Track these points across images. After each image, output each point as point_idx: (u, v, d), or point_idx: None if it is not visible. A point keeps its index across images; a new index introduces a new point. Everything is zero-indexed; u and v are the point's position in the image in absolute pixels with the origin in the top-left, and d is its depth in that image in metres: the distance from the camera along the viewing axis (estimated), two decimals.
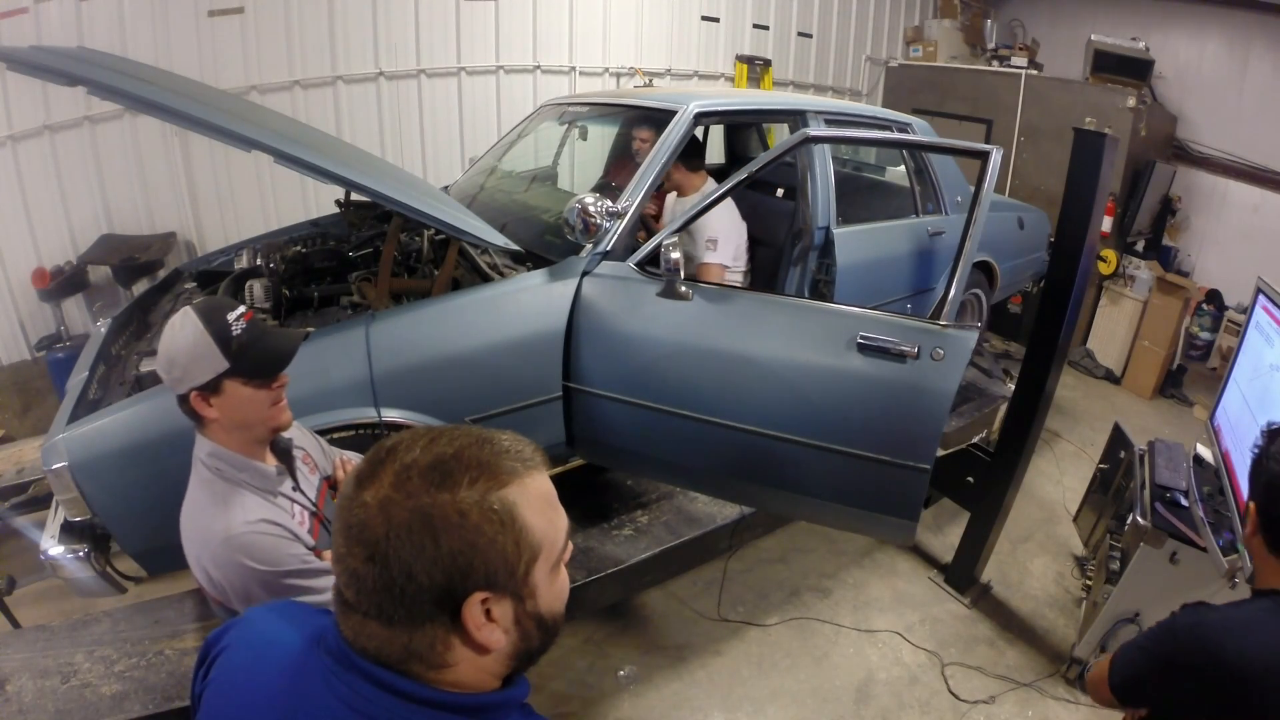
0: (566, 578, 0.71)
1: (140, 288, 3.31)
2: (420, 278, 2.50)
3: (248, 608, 1.00)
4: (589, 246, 2.19)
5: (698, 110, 2.47)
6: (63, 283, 3.72)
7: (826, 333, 1.98)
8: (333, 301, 2.47)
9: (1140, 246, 5.42)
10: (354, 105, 4.47)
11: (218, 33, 3.94)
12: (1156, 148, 5.29)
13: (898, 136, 3.25)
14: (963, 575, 2.97)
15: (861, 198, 3.43)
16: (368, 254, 2.72)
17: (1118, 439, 2.93)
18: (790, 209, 2.89)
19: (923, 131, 3.38)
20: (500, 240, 2.20)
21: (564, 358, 2.14)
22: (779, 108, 3.15)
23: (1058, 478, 3.87)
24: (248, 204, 4.27)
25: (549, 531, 0.65)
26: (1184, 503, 2.39)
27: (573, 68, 5.17)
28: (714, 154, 4.41)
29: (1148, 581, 2.28)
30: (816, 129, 2.66)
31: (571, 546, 0.72)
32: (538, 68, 5.03)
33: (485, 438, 0.66)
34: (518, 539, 0.62)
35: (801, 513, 2.27)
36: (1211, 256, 5.40)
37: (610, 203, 2.15)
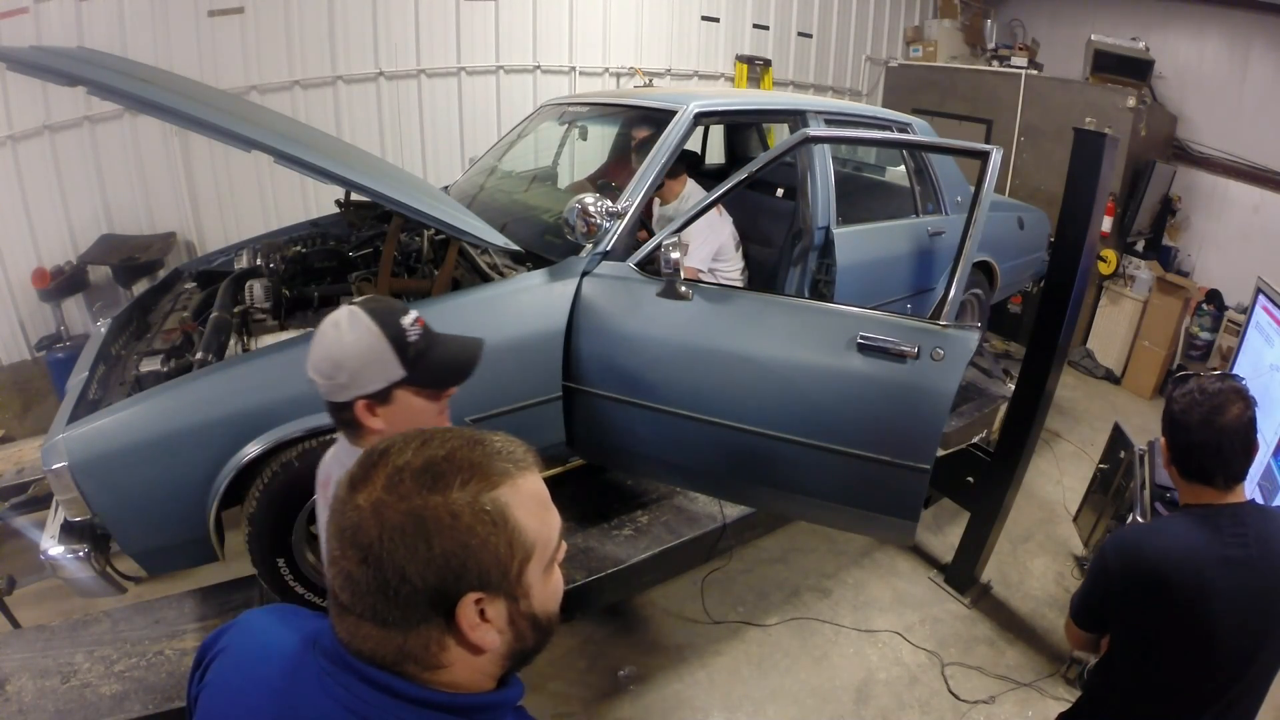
0: (560, 577, 0.71)
1: (140, 288, 3.31)
2: (420, 278, 2.50)
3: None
4: (589, 246, 2.19)
5: (698, 110, 2.47)
6: (63, 283, 3.72)
7: (826, 333, 1.98)
8: (333, 301, 2.47)
9: (1140, 246, 5.42)
10: (354, 105, 4.47)
11: (218, 33, 3.94)
12: (1156, 148, 5.29)
13: (898, 136, 3.25)
14: (963, 575, 2.97)
15: (861, 198, 3.43)
16: (368, 254, 2.72)
17: (1118, 439, 2.93)
18: (790, 209, 2.89)
19: (923, 131, 3.38)
20: (500, 240, 2.20)
21: (564, 358, 2.14)
22: (779, 108, 3.15)
23: (1058, 478, 3.87)
24: (248, 204, 4.27)
25: (542, 531, 0.66)
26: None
27: (573, 68, 5.17)
28: (714, 154, 4.42)
29: None
30: (816, 129, 2.66)
31: (565, 546, 0.72)
32: (538, 68, 5.03)
33: (477, 439, 0.66)
34: (510, 539, 0.62)
35: (801, 513, 2.27)
36: (1211, 256, 5.40)
37: (610, 203, 2.15)
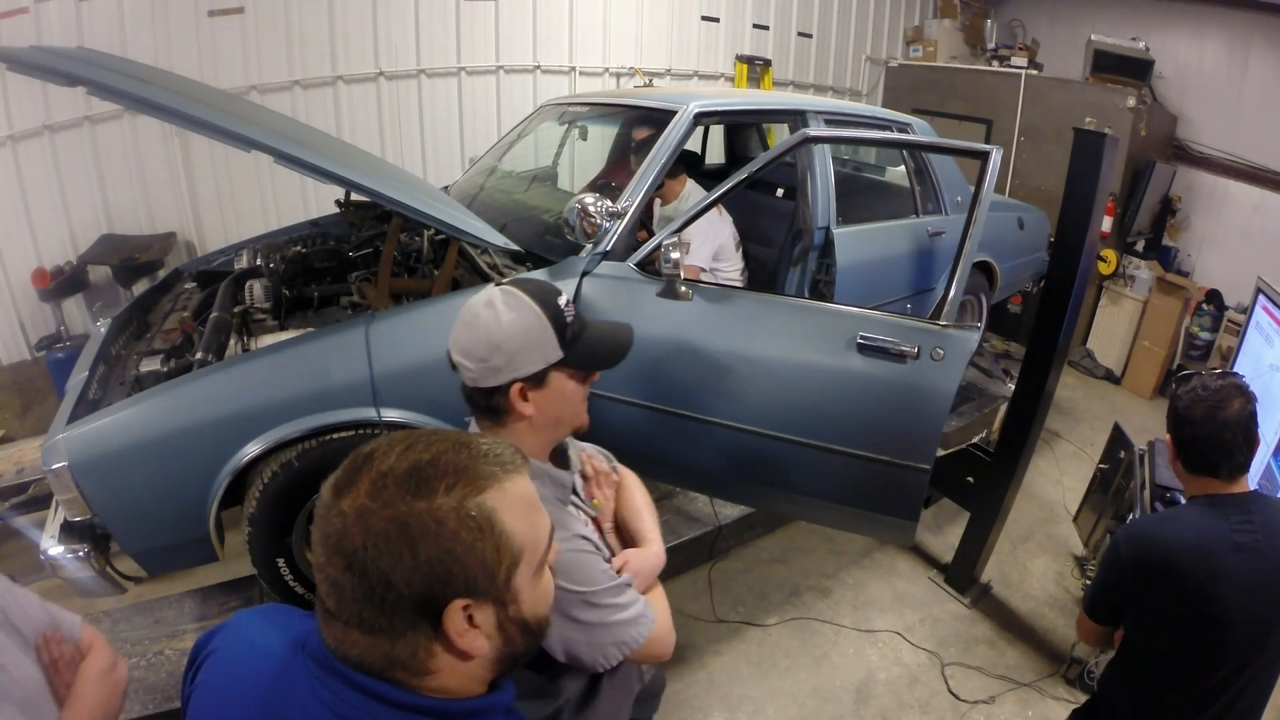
0: (550, 581, 0.70)
1: (140, 288, 3.30)
2: (420, 278, 2.50)
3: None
4: (589, 246, 2.19)
5: (698, 110, 2.47)
6: (63, 283, 3.72)
7: (826, 333, 1.98)
8: (333, 301, 2.47)
9: (1140, 246, 5.42)
10: (354, 105, 4.47)
11: (218, 33, 3.94)
12: (1156, 148, 5.29)
13: (898, 136, 3.25)
14: (963, 575, 2.97)
15: (861, 198, 3.43)
16: (368, 254, 2.72)
17: (1118, 439, 2.93)
18: (790, 209, 2.89)
19: (923, 131, 3.38)
20: (500, 240, 2.20)
21: None
22: (779, 108, 3.15)
23: (1058, 478, 3.87)
24: (248, 204, 4.27)
25: (530, 535, 0.65)
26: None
27: (573, 68, 5.17)
28: (714, 154, 4.42)
29: None
30: (816, 129, 2.66)
31: (556, 549, 0.71)
32: (538, 68, 5.03)
33: (463, 442, 0.65)
34: (497, 544, 0.61)
35: (802, 513, 2.27)
36: (1211, 256, 5.40)
37: (610, 203, 2.15)
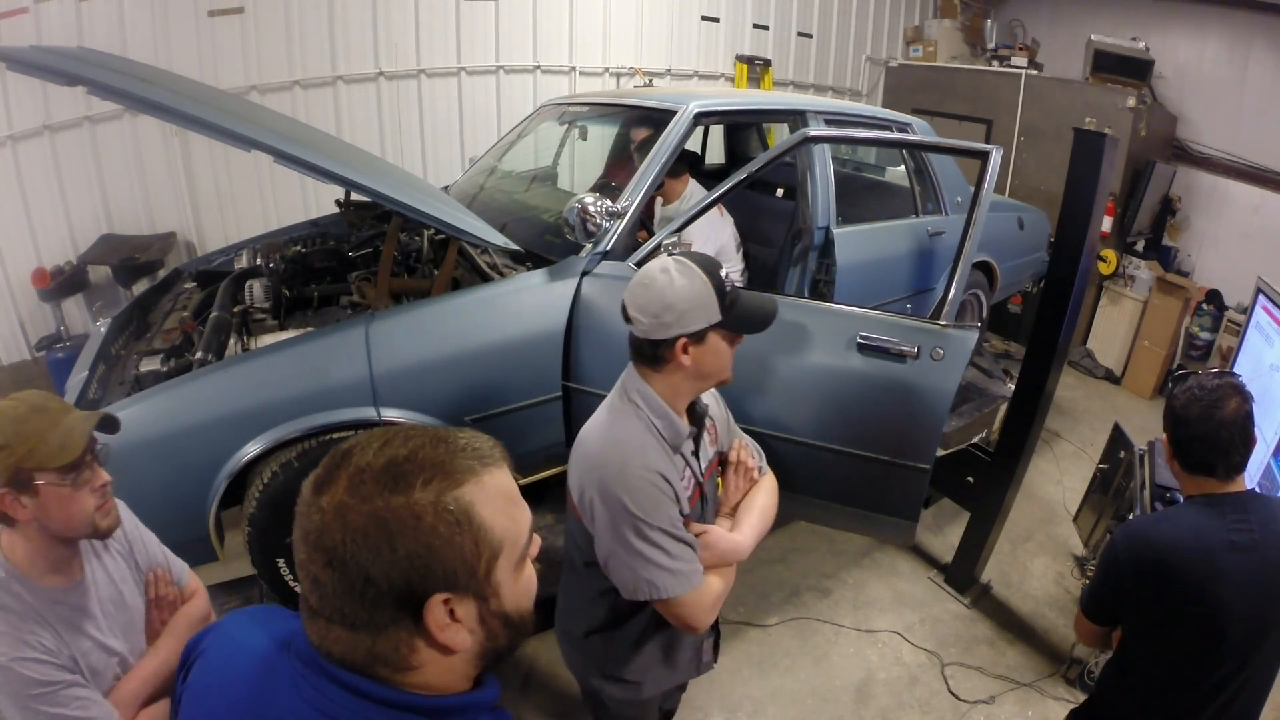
0: (533, 574, 0.70)
1: (140, 288, 3.31)
2: (420, 278, 2.50)
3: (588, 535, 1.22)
4: (589, 246, 2.19)
5: (698, 110, 2.48)
6: (63, 283, 3.72)
7: (826, 333, 1.99)
8: (333, 301, 2.47)
9: (1140, 246, 5.42)
10: (354, 105, 4.47)
11: (218, 33, 3.93)
12: (1156, 148, 5.29)
13: (898, 136, 3.25)
14: (963, 575, 2.97)
15: (861, 198, 3.43)
16: (368, 254, 2.72)
17: (1118, 439, 2.93)
18: (790, 209, 2.89)
19: (923, 131, 3.38)
20: (500, 240, 2.21)
21: (564, 357, 2.14)
22: (779, 108, 3.15)
23: (1058, 478, 3.87)
24: (248, 204, 4.27)
25: (510, 529, 0.65)
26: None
27: (573, 68, 5.17)
28: (714, 154, 4.42)
29: None
30: (816, 129, 2.66)
31: (539, 541, 0.71)
32: (538, 68, 5.03)
33: (441, 437, 0.65)
34: (476, 538, 0.62)
35: (801, 513, 2.27)
36: (1211, 256, 5.39)
37: (610, 203, 2.15)
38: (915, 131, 3.32)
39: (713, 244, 2.89)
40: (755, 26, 5.96)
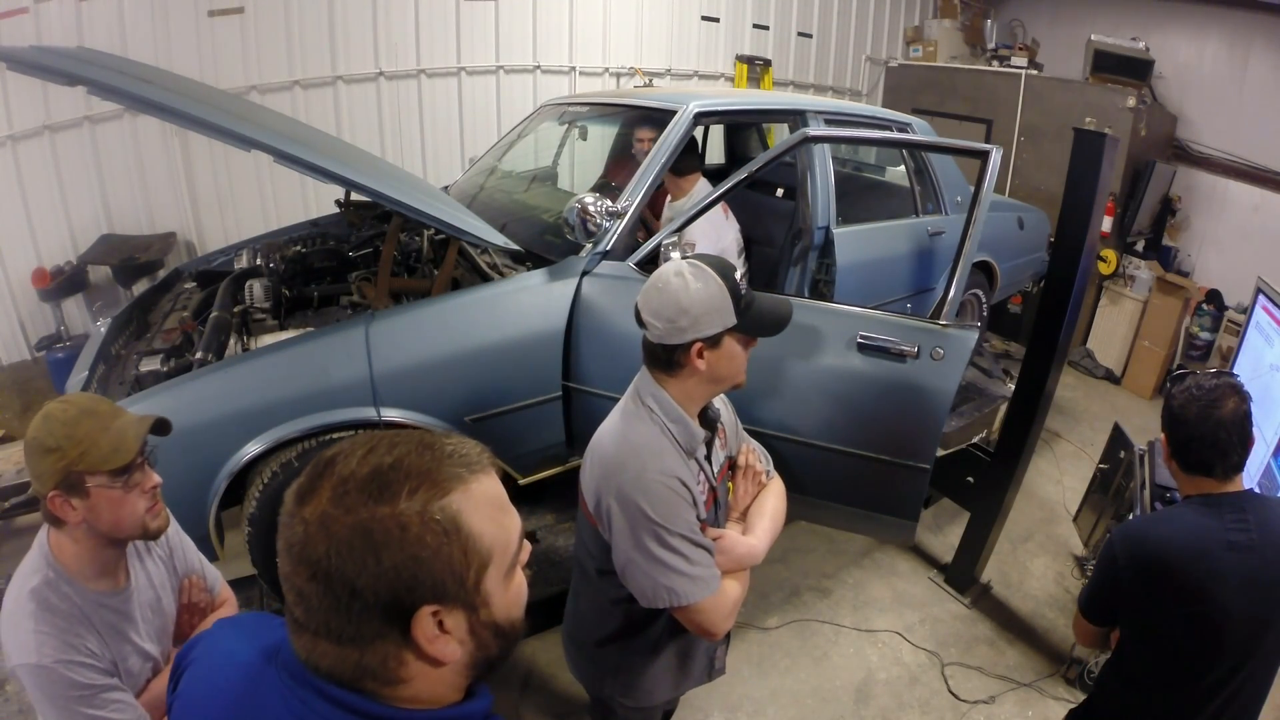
0: (523, 581, 0.69)
1: (140, 288, 3.31)
2: (420, 278, 2.50)
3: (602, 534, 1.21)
4: (589, 246, 2.19)
5: (698, 110, 2.48)
6: (63, 283, 3.72)
7: (826, 332, 1.99)
8: (333, 301, 2.48)
9: (1140, 246, 5.42)
10: (354, 105, 4.47)
11: (218, 33, 3.93)
12: (1156, 148, 5.29)
13: (898, 136, 3.25)
14: (963, 575, 2.97)
15: (861, 198, 3.43)
16: (368, 254, 2.72)
17: (1118, 439, 2.93)
18: (790, 209, 2.89)
19: (923, 131, 3.38)
20: (500, 240, 2.21)
21: (564, 357, 2.14)
22: (779, 108, 3.15)
23: (1058, 478, 3.87)
24: (248, 204, 4.27)
25: (499, 536, 0.63)
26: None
27: (573, 68, 5.17)
28: (714, 154, 4.42)
29: None
30: (816, 129, 2.66)
31: (529, 548, 0.69)
32: (538, 68, 5.03)
33: (426, 443, 0.63)
34: (465, 548, 0.60)
35: (801, 513, 2.27)
36: (1211, 256, 5.39)
37: (610, 202, 2.15)
38: (915, 131, 3.32)
39: (716, 246, 2.88)
40: (755, 26, 5.96)
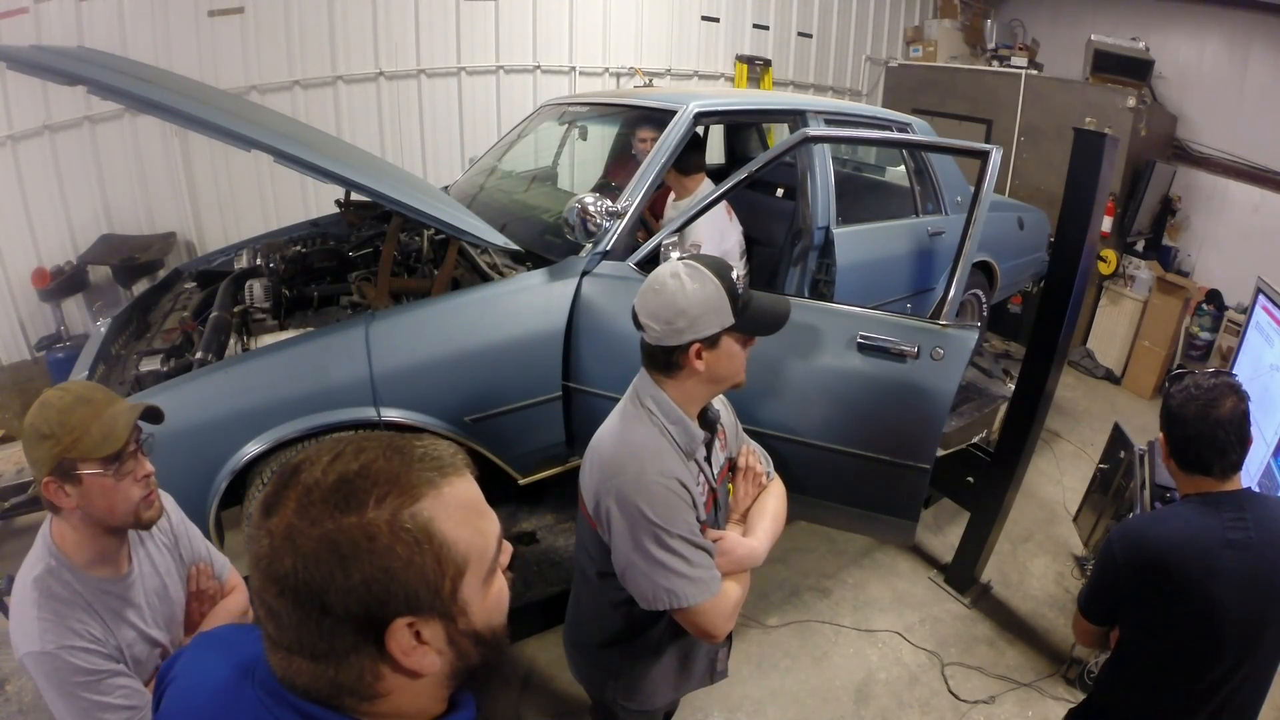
0: (504, 585, 0.66)
1: (140, 288, 3.31)
2: (420, 278, 2.50)
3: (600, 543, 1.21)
4: (589, 246, 2.19)
5: (698, 110, 2.48)
6: (63, 283, 3.72)
7: (826, 333, 1.99)
8: (333, 301, 2.48)
9: (1140, 246, 5.42)
10: (354, 105, 4.47)
11: (218, 33, 3.94)
12: (1156, 148, 5.29)
13: (898, 136, 3.25)
14: (963, 575, 2.97)
15: (861, 198, 3.43)
16: (368, 254, 2.72)
17: (1118, 439, 2.93)
18: (790, 209, 2.89)
19: (923, 131, 3.38)
20: (500, 240, 2.21)
21: (564, 357, 2.14)
22: (779, 108, 3.16)
23: (1058, 478, 3.87)
24: (248, 204, 4.27)
25: (475, 542, 0.60)
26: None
27: (573, 68, 5.17)
28: (714, 154, 4.42)
29: None
30: (816, 129, 2.66)
31: (509, 550, 0.67)
32: (538, 68, 5.03)
33: (395, 447, 0.61)
34: (438, 556, 0.57)
35: (802, 512, 2.27)
36: (1211, 256, 5.39)
37: (610, 202, 2.15)
38: (915, 131, 3.32)
39: (717, 248, 2.88)
40: (755, 26, 5.96)
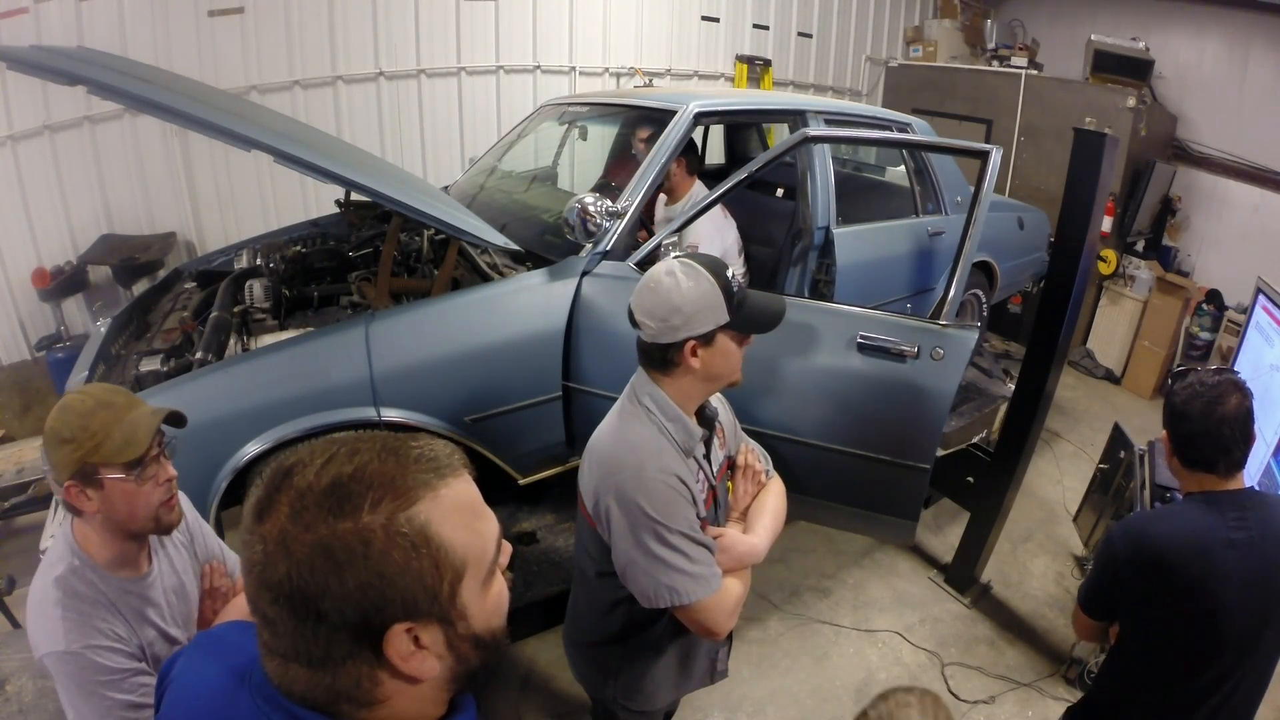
0: (504, 587, 0.65)
1: (140, 288, 3.31)
2: (420, 278, 2.50)
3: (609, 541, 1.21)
4: (589, 246, 2.19)
5: (698, 110, 2.48)
6: (63, 283, 3.72)
7: (826, 333, 1.99)
8: (333, 301, 2.48)
9: (1140, 246, 5.42)
10: (354, 105, 4.47)
11: (218, 33, 3.93)
12: (1156, 148, 5.29)
13: (898, 136, 3.25)
14: (963, 575, 2.97)
15: (861, 198, 3.43)
16: (368, 254, 2.72)
17: (1118, 439, 2.93)
18: (790, 209, 2.89)
19: (923, 131, 3.38)
20: (500, 240, 2.21)
21: (564, 357, 2.14)
22: (779, 108, 3.15)
23: (1058, 478, 3.87)
24: (248, 204, 4.27)
25: (474, 544, 0.59)
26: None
27: (573, 68, 5.17)
28: (714, 154, 4.42)
29: None
30: (816, 129, 2.66)
31: (509, 549, 0.66)
32: (538, 68, 5.03)
33: (390, 448, 0.59)
34: (436, 560, 0.56)
35: (801, 513, 2.27)
36: (1211, 256, 5.39)
37: (610, 203, 2.15)
38: (915, 131, 3.32)
39: (717, 246, 2.88)
40: (755, 26, 5.96)
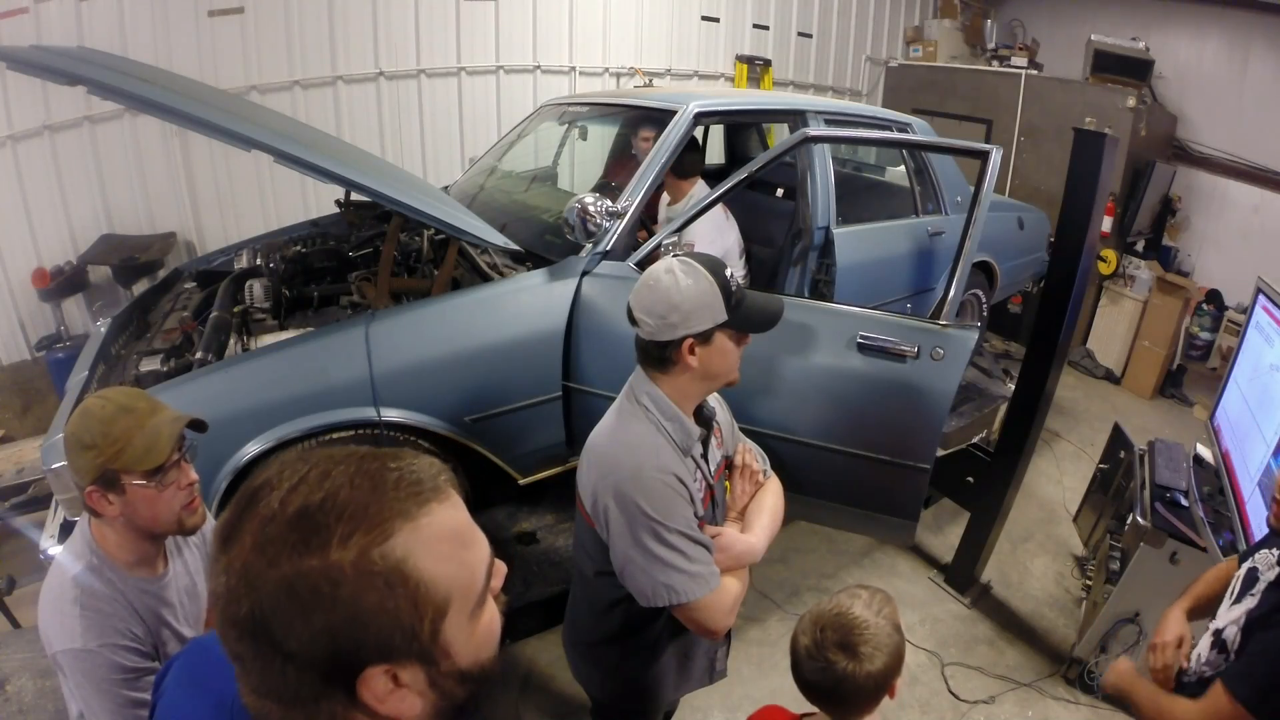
0: (495, 614, 0.59)
1: (140, 288, 3.31)
2: (420, 278, 2.50)
3: (609, 543, 1.20)
4: (589, 246, 2.19)
5: (698, 110, 2.48)
6: (63, 283, 3.72)
7: (826, 333, 1.99)
8: (333, 301, 2.48)
9: (1140, 246, 5.42)
10: (354, 105, 4.47)
11: (218, 33, 3.93)
12: (1156, 148, 5.29)
13: (898, 136, 3.25)
14: (963, 575, 2.97)
15: (861, 198, 3.43)
16: (368, 254, 2.72)
17: (1118, 439, 2.93)
18: (790, 209, 2.89)
19: (923, 131, 3.38)
20: (500, 240, 2.21)
21: (564, 357, 2.14)
22: (779, 108, 3.16)
23: (1058, 478, 3.87)
24: (248, 204, 4.27)
25: (459, 576, 0.54)
26: (1184, 503, 2.39)
27: (573, 68, 5.17)
28: (714, 154, 4.42)
29: (1148, 581, 2.28)
30: (816, 129, 2.66)
31: (503, 570, 0.60)
32: (538, 68, 5.03)
33: (365, 471, 0.53)
34: (414, 598, 0.51)
35: (802, 513, 2.27)
36: (1211, 256, 5.40)
37: (610, 202, 2.15)
38: (915, 131, 3.32)
39: (718, 247, 2.88)
40: (755, 26, 5.97)
